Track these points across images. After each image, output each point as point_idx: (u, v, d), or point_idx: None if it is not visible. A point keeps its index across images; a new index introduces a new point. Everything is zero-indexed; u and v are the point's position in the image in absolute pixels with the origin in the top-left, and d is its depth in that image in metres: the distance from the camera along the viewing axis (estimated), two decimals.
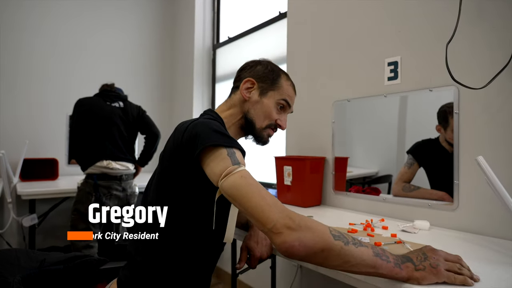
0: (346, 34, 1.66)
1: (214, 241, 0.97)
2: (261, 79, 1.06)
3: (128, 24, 3.39)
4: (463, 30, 1.15)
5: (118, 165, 2.14)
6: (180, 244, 0.90)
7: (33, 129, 2.79)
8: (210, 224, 0.90)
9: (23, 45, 2.83)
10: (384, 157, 1.55)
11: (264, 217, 0.70)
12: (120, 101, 2.27)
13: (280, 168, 1.73)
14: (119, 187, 2.16)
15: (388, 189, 1.52)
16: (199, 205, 0.90)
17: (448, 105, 1.27)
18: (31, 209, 2.27)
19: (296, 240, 0.67)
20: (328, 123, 1.73)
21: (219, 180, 0.77)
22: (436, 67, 1.28)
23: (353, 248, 0.68)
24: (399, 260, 0.70)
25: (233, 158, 0.80)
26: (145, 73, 3.49)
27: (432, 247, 0.74)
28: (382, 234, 1.14)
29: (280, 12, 2.40)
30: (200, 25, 3.23)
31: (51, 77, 2.92)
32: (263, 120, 1.05)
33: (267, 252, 1.04)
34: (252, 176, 0.78)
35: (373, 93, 1.52)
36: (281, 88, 1.06)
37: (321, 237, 0.68)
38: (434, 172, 1.37)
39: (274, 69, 1.09)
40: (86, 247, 2.05)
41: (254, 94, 1.05)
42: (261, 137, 1.07)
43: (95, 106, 2.17)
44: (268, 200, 0.73)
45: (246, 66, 1.11)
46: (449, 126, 1.27)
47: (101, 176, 2.09)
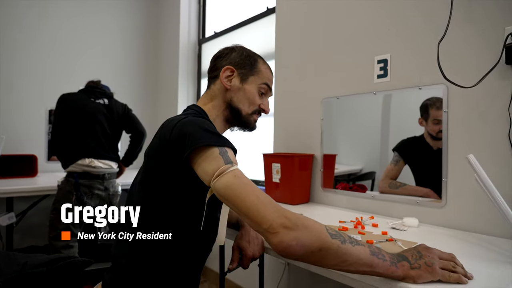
0: (335, 31, 1.66)
1: (202, 242, 0.95)
2: (239, 65, 1.03)
3: (111, 18, 3.30)
4: (453, 29, 1.16)
5: (101, 163, 2.07)
6: (167, 245, 0.87)
7: (10, 124, 2.67)
8: (199, 224, 0.88)
9: (3, 41, 2.70)
10: (368, 154, 1.57)
11: (260, 216, 0.69)
12: (105, 98, 2.20)
13: (268, 165, 1.71)
14: (101, 186, 2.09)
15: (372, 186, 1.54)
16: (187, 205, 0.88)
17: (430, 99, 1.30)
18: (9, 208, 2.17)
19: (293, 240, 0.66)
20: (316, 120, 1.72)
21: (212, 180, 0.75)
22: (426, 66, 1.29)
23: (350, 247, 0.68)
24: (395, 259, 0.70)
25: (225, 157, 0.78)
26: (129, 68, 3.41)
27: (426, 246, 0.74)
28: (373, 232, 1.14)
29: (268, 7, 2.37)
30: (185, 19, 3.17)
31: (29, 71, 2.81)
32: (248, 106, 1.02)
33: (259, 251, 1.02)
34: (245, 175, 0.77)
35: (362, 90, 1.52)
36: (260, 72, 1.05)
37: (318, 236, 0.67)
38: (419, 169, 1.39)
39: (250, 54, 1.07)
40: (65, 247, 1.98)
41: (235, 82, 1.02)
42: (249, 123, 1.05)
43: (79, 102, 2.10)
44: (263, 199, 0.71)
45: (221, 54, 1.08)
46: (429, 117, 1.30)
47: (82, 174, 2.02)
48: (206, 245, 0.97)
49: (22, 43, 2.80)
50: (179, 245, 0.88)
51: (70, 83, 2.38)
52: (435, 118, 1.28)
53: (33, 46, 2.85)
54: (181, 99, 3.15)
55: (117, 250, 0.92)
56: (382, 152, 1.51)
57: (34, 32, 2.85)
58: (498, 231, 1.09)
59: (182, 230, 0.88)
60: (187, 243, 0.90)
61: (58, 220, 1.94)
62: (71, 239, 1.99)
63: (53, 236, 1.98)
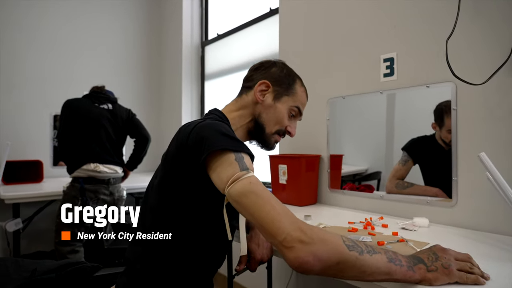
0: (340, 30, 1.64)
1: (217, 249, 0.93)
2: (277, 82, 1.02)
3: (114, 21, 3.30)
4: (461, 26, 1.15)
5: (106, 168, 2.08)
6: (181, 251, 0.86)
7: (15, 130, 2.68)
8: (214, 231, 0.87)
9: (4, 43, 2.71)
10: (374, 154, 1.55)
11: (275, 228, 0.66)
12: (109, 103, 2.21)
13: (274, 166, 1.70)
14: (106, 191, 2.09)
15: (378, 186, 1.53)
16: (203, 211, 0.86)
17: (445, 103, 1.26)
18: (15, 213, 2.17)
19: (309, 255, 0.63)
20: (322, 120, 1.71)
21: (226, 187, 0.73)
22: (433, 63, 1.28)
23: (368, 257, 0.65)
24: (411, 262, 0.68)
25: (241, 163, 0.75)
26: (132, 71, 3.41)
27: (442, 246, 0.73)
28: (383, 233, 1.12)
29: (271, 8, 2.37)
30: (188, 21, 3.17)
31: (33, 76, 2.82)
32: (273, 125, 1.01)
33: (268, 255, 1.01)
34: (261, 183, 0.74)
35: (368, 90, 1.51)
36: (295, 94, 1.03)
37: (335, 249, 0.65)
38: (430, 169, 1.37)
39: (290, 73, 1.06)
40: (71, 252, 1.98)
41: (268, 98, 1.00)
42: (269, 142, 1.04)
43: (83, 108, 2.11)
44: (278, 210, 0.68)
45: (261, 66, 1.06)
46: (444, 125, 1.27)
47: (87, 179, 2.03)
48: (221, 251, 0.96)
49: (25, 47, 2.81)
50: (195, 251, 0.87)
51: (74, 88, 2.39)
52: (450, 129, 1.24)
53: (36, 51, 2.85)
54: (185, 101, 3.15)
55: (132, 254, 0.91)
56: (387, 151, 1.49)
57: (37, 36, 2.86)
58: (511, 230, 1.07)
59: (198, 236, 0.87)
60: (202, 249, 0.88)
61: (64, 225, 1.95)
62: (76, 244, 1.99)
63: (58, 241, 1.99)
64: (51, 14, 2.94)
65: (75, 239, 1.97)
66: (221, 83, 2.94)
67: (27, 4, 2.81)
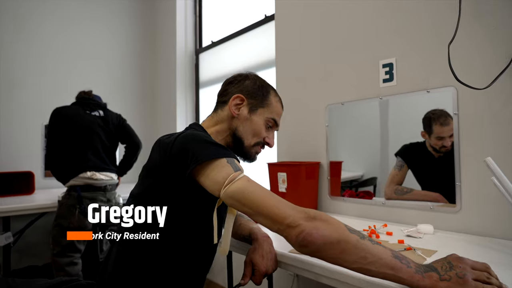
0: (338, 36, 1.64)
1: (202, 253, 0.94)
2: (251, 95, 1.03)
3: (106, 28, 3.26)
4: (462, 30, 1.14)
5: (102, 175, 2.06)
6: (167, 258, 0.86)
7: (5, 141, 2.61)
8: (199, 236, 0.89)
9: None
10: (370, 159, 1.55)
11: (281, 213, 0.70)
12: (100, 109, 2.18)
13: (273, 174, 1.67)
14: (104, 198, 2.06)
15: (374, 192, 1.52)
16: (186, 218, 0.87)
17: (433, 111, 1.28)
18: (6, 227, 2.10)
19: (313, 228, 0.67)
20: (321, 127, 1.69)
21: (223, 188, 0.75)
22: (434, 68, 1.27)
23: (369, 243, 0.67)
24: (421, 268, 0.66)
25: (233, 165, 0.79)
26: (126, 79, 3.36)
27: (458, 255, 0.70)
28: (389, 241, 1.10)
29: (266, 15, 2.36)
30: (181, 29, 3.15)
31: (23, 85, 2.75)
32: (251, 137, 1.02)
33: (273, 267, 0.98)
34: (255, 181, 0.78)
35: (368, 95, 1.50)
36: (270, 106, 1.05)
37: (337, 228, 0.69)
38: (422, 174, 1.37)
39: (263, 84, 1.07)
40: (69, 264, 1.93)
41: (243, 111, 1.02)
42: (249, 154, 1.04)
43: (75, 116, 2.07)
44: (279, 199, 0.74)
45: (234, 80, 1.07)
46: (433, 132, 1.29)
47: (85, 187, 1.99)
48: (205, 257, 0.97)
49: (15, 56, 2.74)
50: (174, 260, 0.87)
51: (66, 97, 2.32)
52: (438, 136, 1.27)
53: (27, 59, 2.79)
54: (179, 109, 3.11)
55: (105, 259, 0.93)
56: (382, 157, 1.48)
57: (28, 45, 2.80)
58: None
59: (178, 244, 0.88)
60: (183, 257, 0.89)
61: (62, 235, 1.93)
62: (75, 256, 1.95)
63: (56, 253, 1.93)
64: (45, 22, 2.89)
65: (74, 250, 1.94)
66: (216, 91, 2.90)
67: (23, 16, 2.76)
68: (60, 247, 1.93)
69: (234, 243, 1.15)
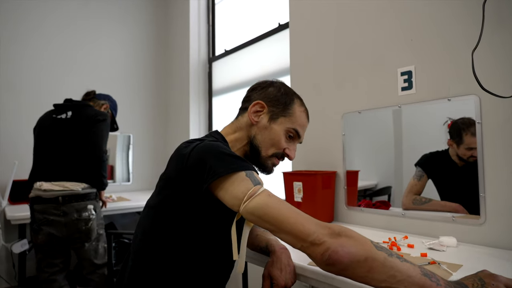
0: (354, 43, 1.62)
1: (219, 269, 0.92)
2: (273, 102, 0.98)
3: (121, 37, 3.31)
4: (484, 37, 1.11)
5: (53, 185, 1.80)
6: (183, 272, 0.84)
7: (22, 149, 2.64)
8: (216, 252, 0.87)
9: (11, 59, 2.71)
10: (385, 168, 1.51)
11: (305, 230, 0.67)
12: (70, 110, 1.93)
13: (289, 184, 1.65)
14: (56, 211, 1.79)
15: (388, 201, 1.49)
16: (203, 233, 0.85)
17: (461, 120, 1.23)
18: (21, 234, 2.12)
19: (339, 246, 0.64)
20: (337, 136, 1.67)
21: (242, 203, 0.72)
22: (455, 76, 1.24)
23: (397, 261, 0.64)
24: (451, 286, 0.63)
25: (252, 178, 0.76)
26: (139, 87, 3.40)
27: (490, 272, 0.67)
28: (411, 254, 1.06)
29: (279, 23, 2.36)
30: (195, 38, 3.18)
31: (40, 94, 2.80)
32: (269, 147, 0.97)
33: (292, 280, 0.95)
34: (275, 194, 0.75)
35: (385, 104, 1.47)
36: (293, 116, 0.99)
37: (364, 245, 0.66)
38: (444, 184, 1.33)
39: (288, 92, 1.01)
40: (46, 281, 1.84)
41: (263, 119, 0.97)
42: (265, 166, 0.99)
43: (41, 121, 1.97)
44: (303, 214, 0.71)
45: (258, 86, 1.04)
46: (463, 143, 1.23)
47: (35, 199, 1.81)
48: (223, 272, 0.94)
49: (31, 64, 2.80)
50: (191, 274, 0.85)
51: None
52: (469, 146, 1.21)
53: (43, 66, 2.85)
54: (193, 118, 3.12)
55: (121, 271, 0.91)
56: (396, 165, 1.46)
57: (44, 51, 2.86)
58: None
59: (196, 258, 0.85)
60: (200, 272, 0.87)
61: (35, 249, 1.87)
62: (49, 272, 1.86)
63: (36, 267, 1.89)
64: (59, 30, 2.95)
65: (48, 264, 1.86)
66: (229, 99, 2.92)
67: (30, 24, 2.82)
68: (36, 261, 1.87)
69: (250, 254, 1.13)
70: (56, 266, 1.87)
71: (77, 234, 1.84)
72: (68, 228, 1.82)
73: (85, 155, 1.88)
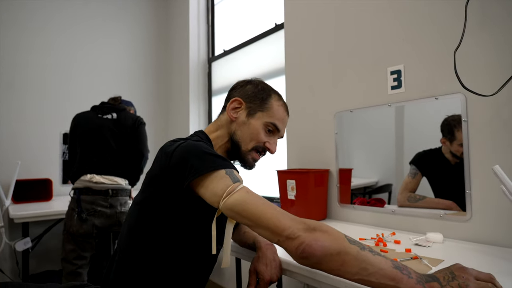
0: (345, 44, 1.64)
1: (199, 264, 0.95)
2: (250, 98, 1.02)
3: (122, 38, 3.36)
4: (470, 36, 1.13)
5: (104, 179, 1.96)
6: (167, 266, 0.88)
7: (25, 149, 2.70)
8: (197, 247, 0.90)
9: (15, 61, 2.76)
10: (384, 166, 1.52)
11: (281, 225, 0.70)
12: (114, 112, 2.10)
13: (283, 182, 1.68)
14: (104, 203, 1.94)
15: (389, 199, 1.50)
16: (185, 229, 0.88)
17: (453, 117, 1.25)
18: (24, 233, 2.18)
19: (313, 240, 0.67)
20: (330, 134, 1.69)
21: (222, 200, 0.75)
22: (442, 75, 1.26)
23: (370, 254, 0.66)
24: (423, 279, 0.65)
25: (232, 176, 0.79)
26: (140, 87, 3.45)
27: (462, 265, 0.69)
28: (396, 249, 1.09)
29: (276, 23, 2.38)
30: (194, 38, 3.22)
31: (43, 94, 2.86)
32: (249, 142, 1.01)
33: (277, 275, 0.98)
34: (254, 192, 0.78)
35: (376, 102, 1.49)
36: (270, 110, 1.02)
37: (337, 239, 0.68)
38: (437, 181, 1.34)
39: (265, 88, 1.05)
40: (72, 274, 1.89)
41: (241, 115, 1.01)
42: (246, 160, 1.03)
43: (86, 119, 2.07)
44: (279, 210, 0.74)
45: (237, 85, 1.08)
46: (455, 139, 1.25)
47: (84, 190, 1.92)
48: (204, 267, 0.97)
49: (32, 65, 2.84)
50: (171, 270, 0.88)
51: (82, 105, 2.39)
52: (462, 143, 1.22)
53: (46, 68, 2.90)
54: (192, 117, 3.16)
55: (108, 266, 0.94)
56: (397, 164, 1.47)
57: (44, 54, 2.91)
58: None
59: (176, 255, 0.89)
60: (183, 266, 0.90)
61: (66, 240, 1.92)
62: (78, 264, 1.91)
63: (63, 258, 1.93)
64: (63, 34, 3.00)
65: (78, 257, 1.91)
66: None
67: (39, 20, 2.88)
68: (65, 252, 1.92)
69: (241, 251, 1.17)
70: (85, 259, 1.94)
71: (116, 227, 1.97)
72: (110, 220, 1.95)
73: (131, 154, 2.09)
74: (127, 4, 3.41)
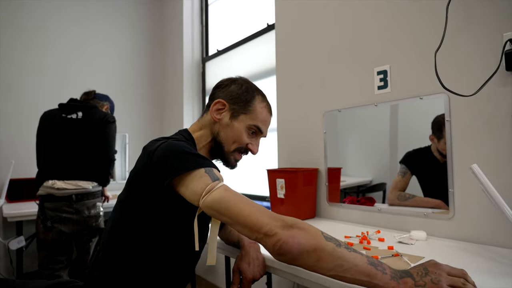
0: (333, 44, 1.66)
1: (182, 261, 0.97)
2: (234, 100, 1.02)
3: (116, 38, 3.37)
4: (451, 37, 1.15)
5: (66, 184, 1.85)
6: (150, 264, 0.89)
7: (18, 148, 2.71)
8: (179, 244, 0.92)
9: (12, 60, 2.77)
10: (377, 165, 1.54)
11: (259, 223, 0.71)
12: (80, 111, 1.97)
13: (272, 181, 1.70)
14: (69, 208, 1.85)
15: (383, 197, 1.51)
16: (167, 227, 0.90)
17: (443, 115, 1.26)
18: (18, 231, 2.19)
19: (290, 237, 0.68)
20: (319, 134, 1.71)
21: (201, 198, 0.76)
22: (426, 75, 1.28)
23: (345, 251, 0.68)
24: (397, 274, 0.67)
25: (211, 174, 0.80)
26: (134, 87, 3.46)
27: (436, 262, 0.71)
28: (379, 247, 1.11)
29: (268, 24, 2.40)
30: (188, 38, 3.23)
31: (35, 93, 2.86)
32: (231, 144, 1.02)
33: (260, 273, 1.00)
34: (233, 189, 0.79)
35: (363, 102, 1.51)
36: (253, 112, 1.02)
37: (313, 236, 0.69)
38: (426, 180, 1.36)
39: (249, 89, 1.05)
40: (49, 277, 1.83)
41: (225, 116, 1.02)
42: (229, 160, 1.04)
43: (48, 120, 1.97)
44: (258, 207, 0.75)
45: (221, 84, 1.08)
46: (443, 138, 1.26)
47: (47, 197, 1.84)
48: (186, 264, 0.99)
49: (28, 65, 2.85)
50: (153, 268, 0.90)
51: None
52: None
53: (40, 67, 2.91)
54: (186, 117, 3.17)
55: (93, 263, 0.96)
56: (391, 162, 1.48)
57: (41, 55, 2.92)
58: (509, 242, 1.05)
59: (162, 250, 0.90)
60: (166, 263, 0.92)
61: (39, 246, 1.88)
62: (54, 268, 1.87)
63: (38, 263, 1.90)
64: (61, 32, 3.01)
65: (52, 261, 1.87)
66: None
67: (35, 21, 2.88)
68: (39, 259, 1.88)
69: (229, 249, 1.18)
70: (61, 263, 1.89)
71: (86, 231, 1.91)
72: (79, 225, 1.88)
73: (96, 155, 1.96)
74: (122, 5, 3.43)
